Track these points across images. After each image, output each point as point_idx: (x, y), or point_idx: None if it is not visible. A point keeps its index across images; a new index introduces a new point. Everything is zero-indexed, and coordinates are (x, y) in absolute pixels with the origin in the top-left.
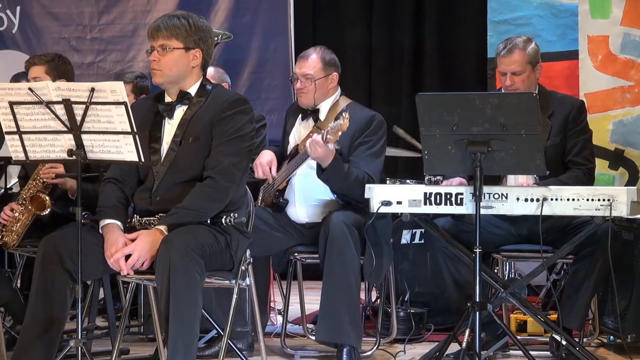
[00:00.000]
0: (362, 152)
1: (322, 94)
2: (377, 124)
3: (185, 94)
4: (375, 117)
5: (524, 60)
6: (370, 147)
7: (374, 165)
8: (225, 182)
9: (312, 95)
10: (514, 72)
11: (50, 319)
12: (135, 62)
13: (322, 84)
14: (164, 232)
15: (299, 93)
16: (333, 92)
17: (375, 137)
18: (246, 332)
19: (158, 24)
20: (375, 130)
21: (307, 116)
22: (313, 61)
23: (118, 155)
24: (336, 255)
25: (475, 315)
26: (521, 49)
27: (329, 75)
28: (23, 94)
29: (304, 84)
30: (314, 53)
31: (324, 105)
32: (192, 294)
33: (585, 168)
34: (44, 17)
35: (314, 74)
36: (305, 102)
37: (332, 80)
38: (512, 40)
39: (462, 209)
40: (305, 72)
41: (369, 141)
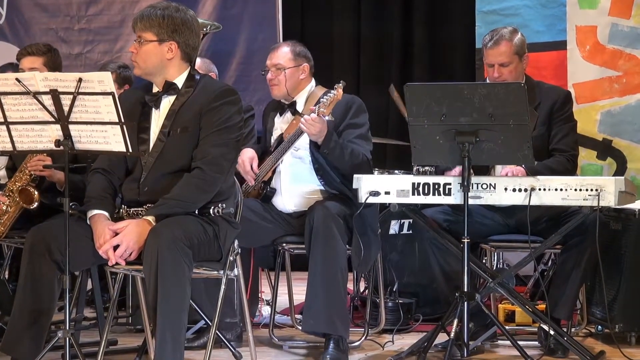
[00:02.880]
0: (350, 135)
1: (293, 84)
2: (358, 106)
3: (171, 84)
4: (353, 99)
5: (511, 51)
6: (357, 129)
7: (365, 146)
8: (214, 173)
9: (284, 85)
10: (502, 64)
11: (38, 310)
12: (123, 52)
13: (292, 73)
14: (151, 223)
15: (270, 84)
16: (306, 83)
17: (359, 119)
18: (235, 323)
19: (136, 16)
20: (358, 113)
21: (284, 111)
22: (283, 52)
23: (106, 146)
24: (321, 246)
25: (463, 305)
26: (508, 40)
27: (300, 65)
28: (10, 85)
29: (275, 75)
30: (284, 45)
31: (300, 96)
32: (180, 284)
33: (569, 155)
34: (32, 8)
35: (284, 63)
36: (278, 93)
37: (303, 70)
38: (499, 32)
39: (450, 199)
40: (275, 62)
41: (355, 124)
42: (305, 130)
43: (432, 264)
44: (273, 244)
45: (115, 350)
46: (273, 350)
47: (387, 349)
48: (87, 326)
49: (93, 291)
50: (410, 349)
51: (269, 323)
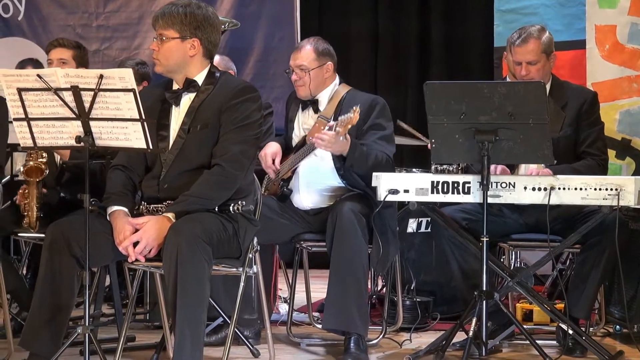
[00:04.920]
0: (373, 135)
1: (318, 84)
2: (381, 107)
3: (192, 81)
4: (377, 100)
5: (539, 49)
6: (380, 130)
7: (388, 147)
8: (233, 170)
9: (308, 86)
10: (529, 62)
11: (58, 306)
12: (141, 49)
13: (316, 74)
14: (171, 220)
15: (295, 85)
16: (330, 81)
17: (382, 119)
18: (254, 320)
19: (157, 13)
20: (381, 113)
21: (307, 106)
22: (306, 52)
23: (126, 142)
24: (344, 244)
25: (482, 304)
26: (536, 38)
27: (324, 65)
28: (31, 81)
29: (299, 76)
30: (307, 44)
31: (323, 94)
32: (200, 281)
33: (599, 159)
34: (50, 5)
35: (308, 64)
36: (303, 93)
37: (327, 69)
38: (527, 30)
39: (469, 198)
40: (299, 63)
41: (378, 125)
42: (321, 148)
43: (450, 263)
44: (291, 241)
45: (134, 347)
46: (291, 347)
47: (404, 347)
48: (106, 322)
49: (111, 287)
50: (428, 348)
51: (286, 320)
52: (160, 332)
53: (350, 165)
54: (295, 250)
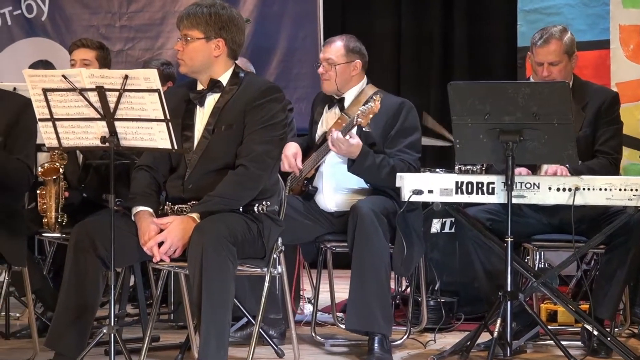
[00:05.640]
0: (400, 143)
1: (344, 80)
2: (409, 111)
3: (216, 82)
4: (404, 103)
5: (560, 50)
6: (408, 136)
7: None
8: (258, 170)
9: (334, 80)
10: (551, 63)
11: (83, 306)
12: (164, 49)
13: (343, 70)
14: (196, 220)
15: (322, 79)
16: (357, 79)
17: (411, 125)
18: (279, 320)
19: (182, 14)
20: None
21: (333, 105)
22: (336, 47)
23: (151, 143)
24: (365, 244)
25: (506, 304)
26: (558, 39)
27: (351, 62)
28: (57, 81)
29: (326, 69)
30: (339, 39)
31: (349, 93)
32: (225, 282)
33: (612, 158)
34: (73, 5)
35: (336, 59)
36: (327, 87)
37: (355, 67)
38: (548, 30)
39: (493, 198)
40: (327, 56)
41: (406, 131)
42: (332, 149)
43: (474, 263)
44: (315, 242)
45: (158, 347)
46: (315, 348)
47: (429, 348)
48: (130, 322)
49: (135, 287)
50: (452, 348)
51: (310, 321)
52: (184, 332)
53: (355, 172)
54: (319, 250)
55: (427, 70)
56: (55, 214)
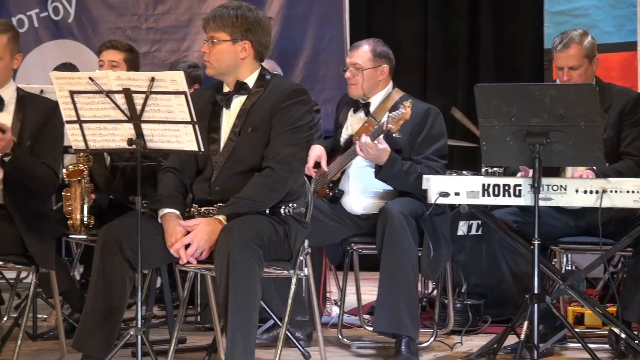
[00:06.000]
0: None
1: (371, 85)
2: (436, 117)
3: (242, 84)
4: (431, 109)
5: (580, 54)
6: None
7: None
8: (284, 172)
9: (361, 85)
10: (571, 67)
11: (110, 308)
12: (190, 51)
13: (370, 74)
14: (222, 222)
15: (348, 83)
16: (384, 84)
17: (437, 131)
18: (305, 322)
19: (208, 16)
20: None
21: (358, 109)
22: (363, 51)
23: (178, 145)
24: (394, 246)
25: (533, 307)
26: (578, 43)
27: (379, 67)
28: (83, 83)
29: (353, 74)
30: (366, 44)
31: (376, 98)
32: (251, 284)
33: (637, 159)
34: (100, 7)
35: (363, 64)
36: (354, 92)
37: (382, 72)
38: (568, 34)
39: (520, 201)
40: (354, 61)
41: (433, 137)
42: (359, 154)
43: (501, 265)
44: (341, 244)
45: (185, 348)
46: (341, 350)
47: (455, 350)
48: (157, 324)
49: (162, 289)
50: (479, 351)
51: (337, 323)
52: (211, 334)
53: (382, 179)
54: (345, 252)
55: (454, 72)
56: (80, 215)
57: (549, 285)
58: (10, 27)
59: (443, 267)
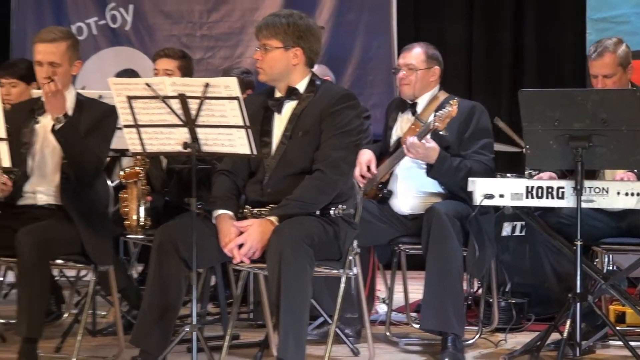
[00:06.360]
0: (474, 145)
1: (423, 85)
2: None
3: (294, 89)
4: (476, 107)
5: (614, 62)
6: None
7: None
8: (334, 175)
9: (414, 85)
10: (605, 75)
11: (166, 306)
12: (243, 58)
13: (423, 75)
14: (274, 223)
15: (401, 83)
16: (433, 85)
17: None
18: (355, 319)
19: (261, 23)
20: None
21: (406, 109)
22: (417, 53)
23: (231, 148)
24: (439, 247)
25: (576, 306)
26: (611, 52)
27: (431, 68)
28: (140, 89)
29: (407, 75)
30: (418, 46)
31: (423, 98)
32: (302, 283)
33: None
34: (156, 15)
35: (417, 64)
36: (407, 91)
37: (434, 73)
38: (603, 43)
39: (563, 203)
40: (408, 62)
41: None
42: (407, 155)
43: (544, 265)
44: (389, 244)
45: (238, 345)
46: (389, 347)
47: (500, 348)
48: (212, 321)
49: (216, 287)
50: (523, 348)
51: (385, 320)
52: (263, 331)
53: (435, 177)
54: (392, 252)
55: (498, 78)
56: (136, 216)
57: (591, 284)
58: (70, 34)
59: (488, 266)
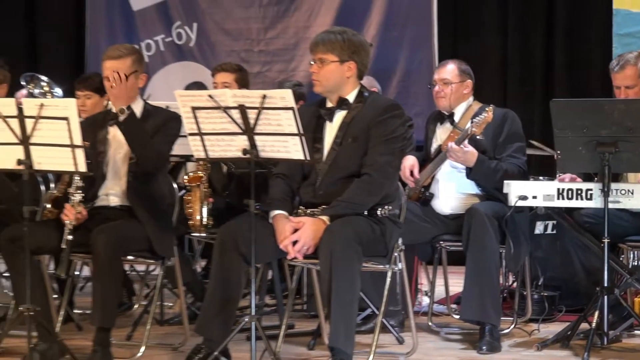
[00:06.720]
0: (508, 149)
1: (457, 97)
2: (513, 119)
3: (344, 100)
4: (508, 113)
5: (635, 74)
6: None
7: (522, 157)
8: (381, 178)
9: (449, 97)
10: (627, 86)
11: (227, 298)
12: (297, 71)
13: (457, 88)
14: (326, 222)
15: (437, 97)
16: (467, 97)
17: (516, 130)
18: (397, 311)
19: (317, 39)
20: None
21: (444, 120)
22: (451, 68)
23: (286, 154)
24: (478, 244)
25: (603, 298)
26: (632, 65)
27: (464, 81)
28: (203, 100)
29: (442, 88)
30: (452, 63)
31: (459, 108)
32: (352, 277)
33: None
34: (217, 33)
35: (451, 78)
36: (443, 104)
37: (467, 86)
38: (624, 57)
39: (591, 204)
40: (443, 77)
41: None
42: (449, 159)
43: (573, 261)
44: (431, 242)
45: (293, 334)
46: (431, 335)
47: (533, 337)
48: (268, 312)
49: (273, 281)
50: (555, 337)
51: (427, 311)
52: (316, 321)
53: (474, 179)
54: (434, 249)
55: (531, 89)
56: (200, 216)
57: (617, 278)
58: (134, 50)
59: (522, 261)
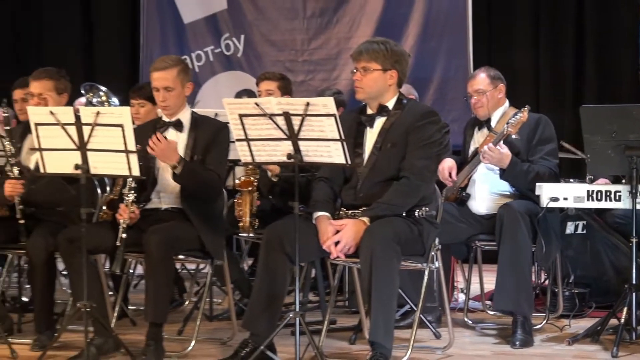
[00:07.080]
0: (540, 151)
1: (494, 103)
2: (546, 123)
3: (384, 107)
4: (542, 118)
5: None
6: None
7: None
8: (418, 181)
9: (486, 106)
10: None
11: (273, 295)
12: (339, 80)
13: (492, 94)
14: (366, 223)
15: (475, 107)
16: (502, 101)
17: (548, 135)
18: (434, 307)
19: (360, 49)
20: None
21: (482, 126)
22: (481, 78)
23: (328, 159)
24: (511, 236)
25: (632, 295)
26: None
27: (497, 86)
28: (250, 108)
29: (478, 99)
30: (480, 72)
31: (496, 114)
32: (391, 275)
33: None
34: (264, 44)
35: (484, 88)
36: (482, 113)
37: (500, 90)
38: None
39: (620, 205)
40: (476, 88)
41: (546, 139)
42: (484, 161)
43: (603, 260)
44: (467, 241)
45: (335, 329)
46: (467, 330)
47: (564, 332)
48: (312, 308)
49: (316, 279)
50: (585, 332)
51: (463, 307)
52: (357, 317)
53: (508, 180)
54: (469, 248)
55: (562, 98)
56: (249, 219)
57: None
58: (179, 61)
59: (553, 259)
